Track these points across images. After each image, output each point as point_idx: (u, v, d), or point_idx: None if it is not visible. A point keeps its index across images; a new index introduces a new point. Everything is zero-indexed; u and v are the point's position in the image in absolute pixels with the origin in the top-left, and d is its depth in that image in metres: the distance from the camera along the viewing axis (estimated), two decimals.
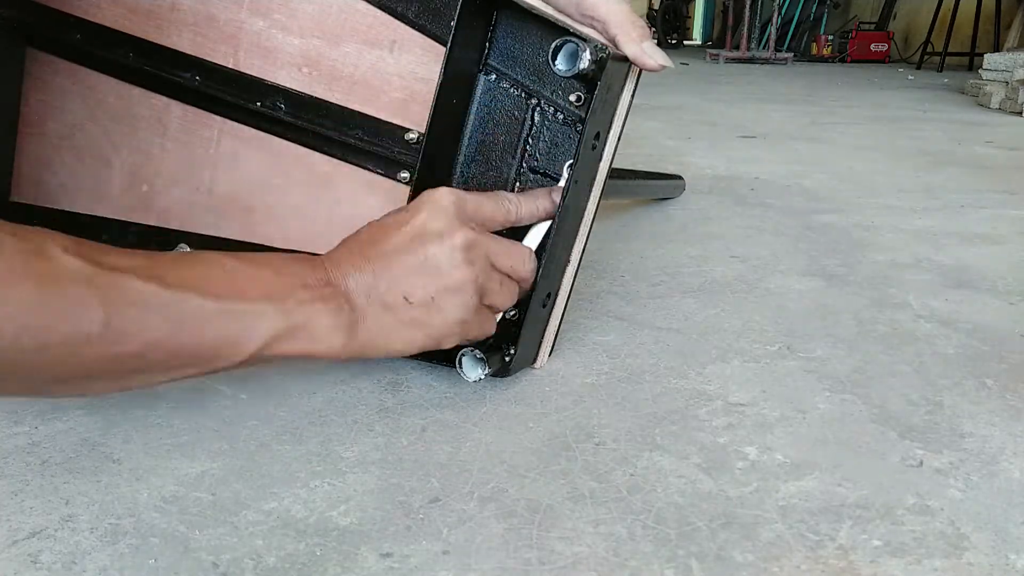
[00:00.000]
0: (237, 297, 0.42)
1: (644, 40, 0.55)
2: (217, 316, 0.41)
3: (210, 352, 0.42)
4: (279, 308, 0.44)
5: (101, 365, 0.38)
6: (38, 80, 0.67)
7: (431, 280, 0.49)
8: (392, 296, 0.48)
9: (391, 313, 0.48)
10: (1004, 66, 3.09)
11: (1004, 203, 1.27)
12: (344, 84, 0.62)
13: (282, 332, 0.44)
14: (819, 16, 7.56)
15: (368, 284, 0.48)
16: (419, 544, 0.42)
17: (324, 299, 0.46)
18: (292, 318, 0.44)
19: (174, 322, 0.40)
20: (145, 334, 0.39)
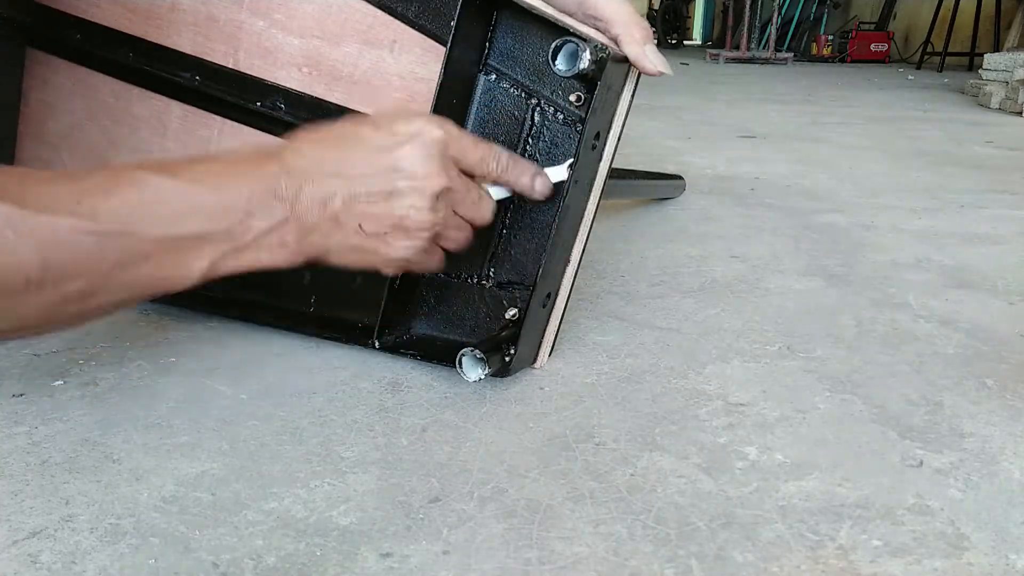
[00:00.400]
0: (175, 224, 0.41)
1: (647, 43, 0.55)
2: (157, 247, 0.41)
3: (155, 282, 0.42)
4: (219, 229, 0.42)
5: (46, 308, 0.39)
6: (38, 80, 0.67)
7: (389, 216, 0.47)
8: (346, 218, 0.46)
9: (340, 232, 0.46)
10: (1004, 66, 3.09)
11: (1004, 203, 1.27)
12: (344, 84, 0.62)
13: (225, 252, 0.43)
14: (819, 16, 7.56)
15: (324, 198, 0.45)
16: (419, 544, 0.41)
17: (269, 214, 0.44)
18: (234, 238, 0.43)
19: (113, 260, 0.39)
20: (86, 274, 0.39)
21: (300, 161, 0.46)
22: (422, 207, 0.47)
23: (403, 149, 0.47)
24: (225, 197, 0.43)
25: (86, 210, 0.39)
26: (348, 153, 0.46)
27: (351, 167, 0.46)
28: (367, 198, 0.46)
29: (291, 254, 0.45)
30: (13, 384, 0.58)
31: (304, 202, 0.45)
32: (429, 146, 0.47)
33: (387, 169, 0.46)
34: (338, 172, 0.46)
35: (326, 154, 0.46)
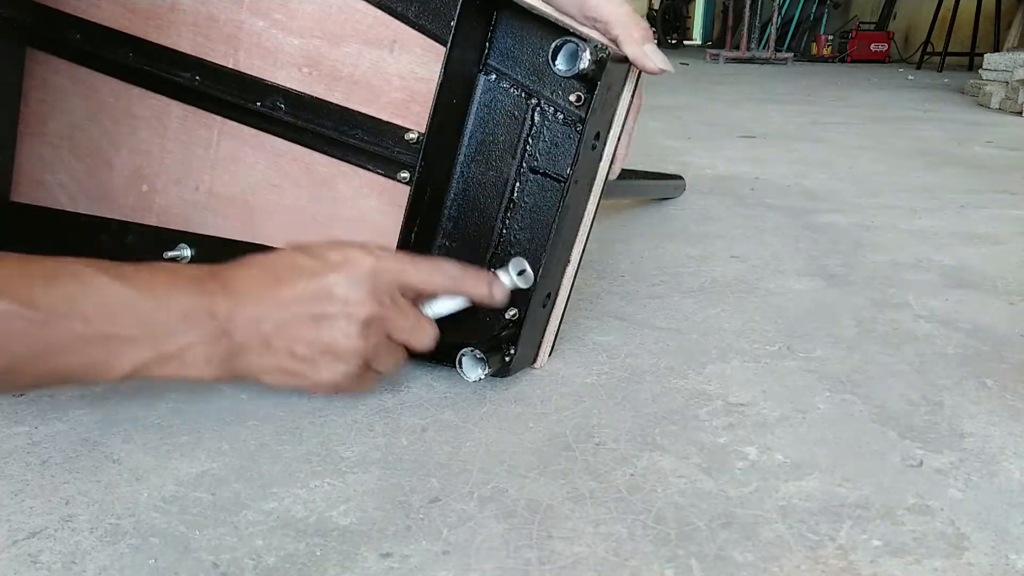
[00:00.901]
0: (108, 323, 0.42)
1: (646, 42, 0.55)
2: (84, 342, 0.41)
3: (77, 374, 0.42)
4: (150, 337, 0.43)
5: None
6: (38, 80, 0.67)
7: (319, 341, 0.47)
8: (277, 342, 0.47)
9: (270, 355, 0.47)
10: (1004, 66, 3.09)
11: (1004, 203, 1.27)
12: (344, 84, 0.62)
13: (152, 360, 0.43)
14: (819, 16, 7.56)
15: (256, 321, 0.46)
16: (419, 544, 0.41)
17: (201, 332, 0.45)
18: (163, 347, 0.43)
19: (39, 345, 0.40)
20: (7, 355, 0.39)
21: (237, 284, 0.47)
22: (351, 333, 0.47)
23: (333, 276, 0.47)
24: (160, 305, 0.44)
25: (25, 294, 0.40)
26: (282, 279, 0.47)
27: (284, 292, 0.47)
28: (297, 322, 0.47)
29: (217, 371, 0.46)
30: None
31: (237, 323, 0.46)
32: (359, 273, 0.48)
33: (318, 295, 0.47)
34: (271, 296, 0.47)
35: (262, 279, 0.47)
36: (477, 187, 0.61)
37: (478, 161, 0.61)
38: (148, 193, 0.67)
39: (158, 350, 0.43)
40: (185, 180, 0.66)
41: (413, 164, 0.60)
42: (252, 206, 0.65)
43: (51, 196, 0.69)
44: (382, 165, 0.62)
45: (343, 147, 0.63)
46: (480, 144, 0.61)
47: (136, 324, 0.43)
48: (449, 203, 0.62)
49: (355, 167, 0.63)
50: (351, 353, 0.48)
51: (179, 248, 0.66)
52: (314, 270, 0.48)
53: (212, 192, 0.66)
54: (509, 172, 0.60)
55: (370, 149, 0.62)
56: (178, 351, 0.44)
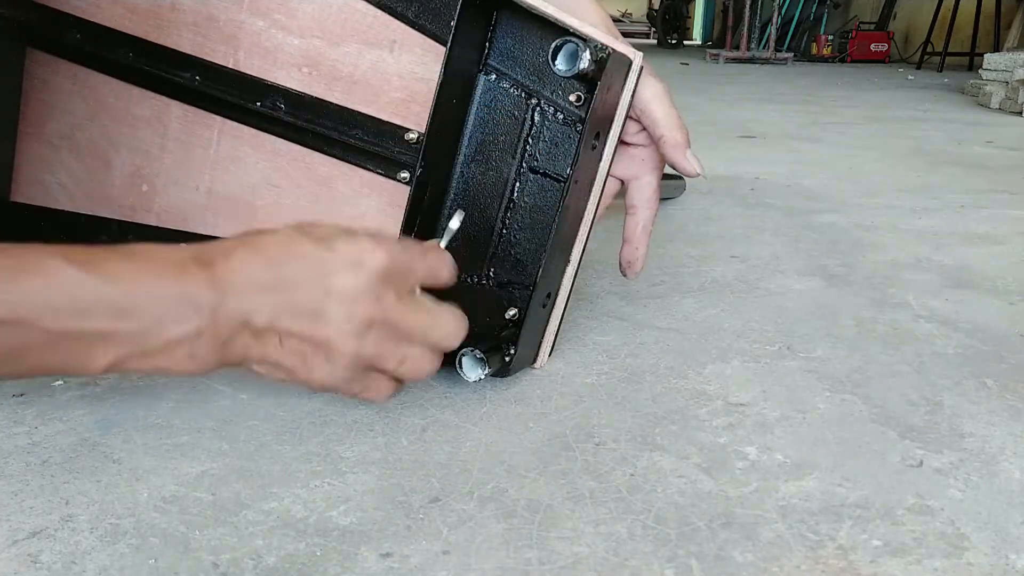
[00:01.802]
0: (79, 319, 0.39)
1: (687, 147, 0.59)
2: (57, 340, 0.39)
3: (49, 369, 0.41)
4: (127, 333, 0.40)
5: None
6: (38, 80, 0.67)
7: (311, 337, 0.44)
8: (267, 335, 0.43)
9: (259, 347, 0.44)
10: (1004, 66, 3.09)
11: (1004, 203, 1.27)
12: (344, 84, 0.62)
13: (130, 354, 0.41)
14: (819, 16, 7.56)
15: (247, 314, 0.43)
16: (419, 544, 0.41)
17: (183, 326, 0.41)
18: (142, 343, 0.41)
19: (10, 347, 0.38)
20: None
21: (229, 273, 0.43)
22: (348, 333, 0.44)
23: (337, 269, 0.44)
24: (137, 299, 0.41)
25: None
26: (282, 268, 0.44)
27: (282, 283, 0.44)
28: (292, 316, 0.44)
29: (202, 365, 0.43)
30: (13, 384, 0.58)
31: (224, 316, 0.42)
32: (368, 272, 0.44)
33: (319, 289, 0.44)
34: (268, 287, 0.43)
35: (259, 268, 0.44)
36: (477, 187, 0.61)
37: (478, 161, 0.61)
38: (148, 193, 0.67)
39: (136, 346, 0.41)
40: (185, 180, 0.66)
41: (413, 164, 0.60)
42: (252, 206, 0.65)
43: (51, 196, 0.69)
44: (382, 165, 0.62)
45: (343, 147, 0.63)
46: (480, 144, 0.61)
47: (110, 318, 0.40)
48: (449, 203, 0.62)
49: (355, 167, 0.63)
50: (346, 356, 0.45)
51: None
52: (317, 260, 0.44)
53: (212, 192, 0.66)
54: (509, 172, 0.60)
55: (370, 149, 0.62)
56: (159, 347, 0.41)
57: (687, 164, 0.59)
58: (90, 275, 0.40)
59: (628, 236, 0.63)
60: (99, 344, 0.40)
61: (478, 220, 0.61)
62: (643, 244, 0.63)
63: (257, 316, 0.43)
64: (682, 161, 0.59)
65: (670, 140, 0.58)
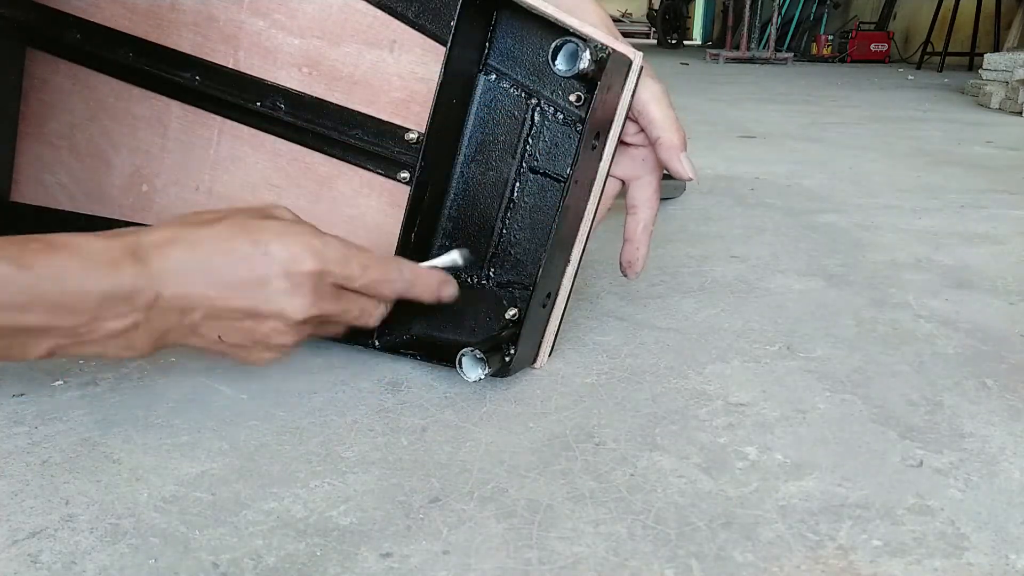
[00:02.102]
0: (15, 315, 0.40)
1: (683, 150, 0.59)
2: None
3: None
4: (64, 327, 0.42)
5: None
6: (38, 80, 0.67)
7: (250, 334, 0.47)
8: (205, 330, 0.46)
9: (197, 339, 0.46)
10: (1004, 66, 3.09)
11: (1004, 203, 1.27)
12: (344, 84, 0.62)
13: (69, 344, 0.43)
14: (819, 16, 7.56)
15: (183, 309, 0.44)
16: (419, 544, 0.41)
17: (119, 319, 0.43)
18: (80, 335, 0.42)
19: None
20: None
21: (164, 265, 0.44)
22: (284, 331, 0.47)
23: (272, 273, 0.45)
24: (73, 297, 0.41)
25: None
26: (216, 267, 0.45)
27: (217, 281, 0.45)
28: (229, 315, 0.45)
29: (138, 353, 0.45)
30: (13, 384, 0.58)
31: (160, 309, 0.44)
32: (301, 278, 0.46)
33: (254, 290, 0.45)
34: (202, 283, 0.44)
35: (193, 263, 0.44)
36: (477, 187, 0.61)
37: (478, 161, 0.61)
38: (148, 193, 0.67)
39: (74, 338, 0.42)
40: (185, 180, 0.66)
41: (413, 164, 0.60)
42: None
43: (51, 196, 0.69)
44: (382, 165, 0.62)
45: (343, 147, 0.63)
46: (480, 144, 0.61)
47: (47, 315, 0.41)
48: (449, 203, 0.62)
49: (355, 167, 0.63)
50: (283, 346, 0.49)
51: None
52: (252, 262, 0.45)
53: (212, 192, 0.66)
54: (509, 172, 0.60)
55: (370, 149, 0.62)
56: (96, 339, 0.43)
57: (680, 168, 0.59)
58: (26, 275, 0.40)
59: (629, 236, 0.63)
60: (37, 336, 0.42)
61: (478, 220, 0.61)
62: (644, 244, 0.63)
63: (194, 313, 0.45)
64: (676, 164, 0.59)
65: (666, 142, 0.59)
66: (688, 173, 0.59)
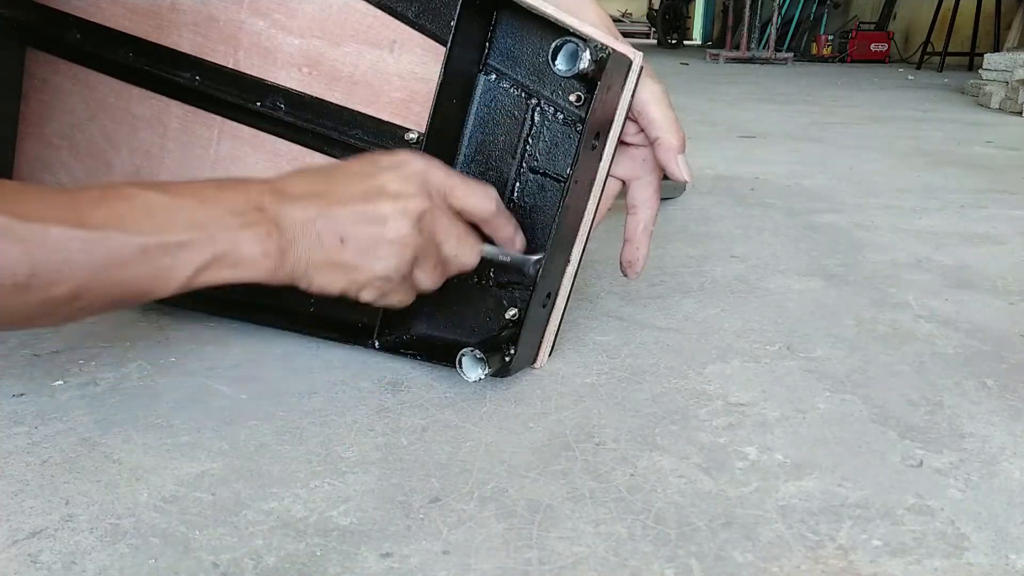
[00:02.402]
0: (160, 231, 0.43)
1: (681, 151, 0.59)
2: (141, 252, 0.43)
3: (138, 287, 0.44)
4: (203, 238, 0.44)
5: (34, 308, 0.41)
6: (38, 80, 0.67)
7: (371, 230, 0.48)
8: (328, 234, 0.48)
9: (321, 249, 0.48)
10: (1004, 66, 3.09)
11: (1004, 203, 1.27)
12: (344, 84, 0.62)
13: (208, 261, 0.45)
14: (819, 16, 7.56)
15: (307, 217, 0.47)
16: (419, 544, 0.42)
17: (251, 225, 0.46)
18: (217, 246, 0.45)
19: (99, 263, 0.41)
20: (72, 278, 0.41)
21: (286, 185, 0.48)
22: (402, 223, 0.49)
23: (386, 174, 0.49)
24: (210, 209, 0.45)
25: (75, 218, 0.41)
26: (334, 181, 0.49)
27: (335, 190, 0.48)
28: (350, 216, 0.48)
29: (273, 266, 0.47)
30: (13, 384, 0.58)
31: (287, 218, 0.47)
32: (411, 171, 0.50)
33: (370, 191, 0.49)
34: (322, 193, 0.48)
35: (311, 179, 0.49)
36: None
37: (478, 161, 0.61)
38: None
39: (213, 250, 0.45)
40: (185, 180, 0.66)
41: None
42: None
43: None
44: None
45: (343, 147, 0.63)
46: (480, 144, 0.61)
47: (188, 227, 0.44)
48: None
49: None
50: (401, 242, 0.49)
51: None
52: (366, 171, 0.50)
53: None
54: (509, 172, 0.60)
55: (370, 149, 0.62)
56: (232, 247, 0.45)
57: (677, 170, 0.59)
58: (168, 196, 0.45)
59: (629, 236, 0.63)
60: (180, 253, 0.44)
61: None
62: (644, 244, 0.63)
63: (319, 222, 0.48)
64: (673, 166, 0.59)
65: (665, 143, 0.59)
66: (684, 175, 0.60)
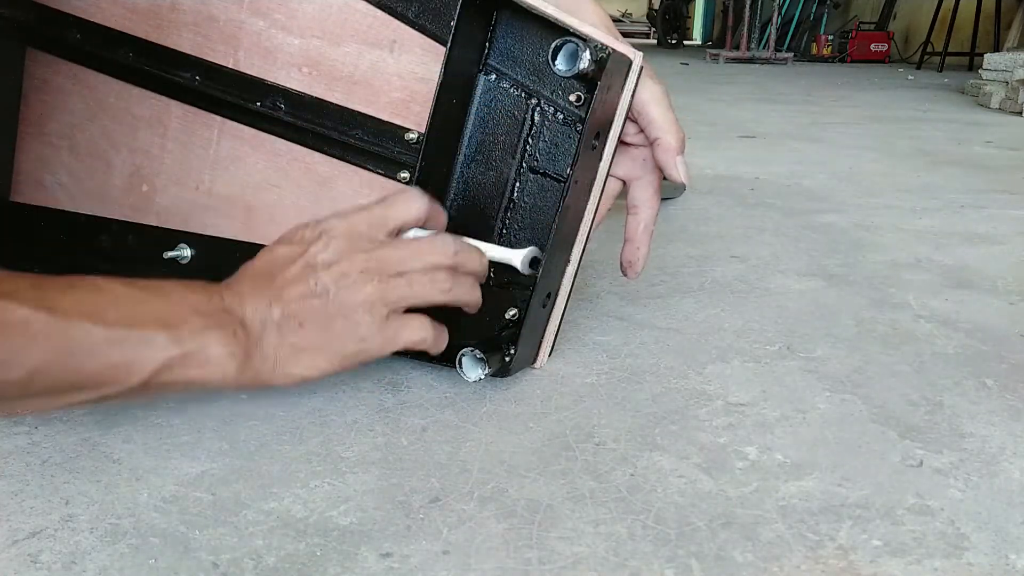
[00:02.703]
0: (127, 324, 0.42)
1: (679, 152, 0.59)
2: (106, 344, 0.41)
3: (99, 379, 0.42)
4: (170, 335, 0.43)
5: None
6: (38, 80, 0.67)
7: (322, 306, 0.48)
8: (286, 323, 0.48)
9: (287, 339, 0.48)
10: (1004, 66, 3.09)
11: (1004, 203, 1.27)
12: (344, 84, 0.62)
13: (174, 359, 0.44)
14: (819, 16, 7.56)
15: (263, 312, 0.47)
16: (419, 544, 0.42)
17: (218, 325, 0.45)
18: (184, 345, 0.44)
19: (60, 350, 0.40)
20: (30, 361, 0.39)
21: (241, 285, 0.49)
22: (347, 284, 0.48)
23: (312, 248, 0.49)
24: (175, 307, 0.45)
25: (40, 300, 0.40)
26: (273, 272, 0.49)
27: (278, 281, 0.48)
28: (298, 300, 0.48)
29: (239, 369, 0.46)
30: None
31: (248, 313, 0.47)
32: (335, 235, 0.50)
33: (307, 271, 0.49)
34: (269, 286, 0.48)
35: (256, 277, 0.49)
36: (477, 187, 0.61)
37: (478, 161, 0.61)
38: (148, 193, 0.67)
39: (179, 349, 0.44)
40: (185, 180, 0.66)
41: (413, 164, 0.60)
42: (252, 206, 0.65)
43: (51, 196, 0.69)
44: (382, 165, 0.62)
45: (343, 147, 0.63)
46: (480, 144, 0.61)
47: (154, 321, 0.43)
48: (449, 203, 0.62)
49: (355, 167, 0.63)
50: (359, 305, 0.48)
51: (179, 248, 0.66)
52: (295, 254, 0.49)
53: (212, 192, 0.66)
54: (509, 172, 0.60)
55: (370, 149, 0.62)
56: (199, 348, 0.44)
57: (674, 171, 0.59)
58: (134, 289, 0.44)
59: (629, 236, 0.63)
60: (144, 349, 0.43)
61: (478, 220, 0.61)
62: (644, 244, 0.63)
63: (275, 309, 0.48)
64: (671, 167, 0.59)
65: (664, 144, 0.59)
66: (682, 177, 0.60)
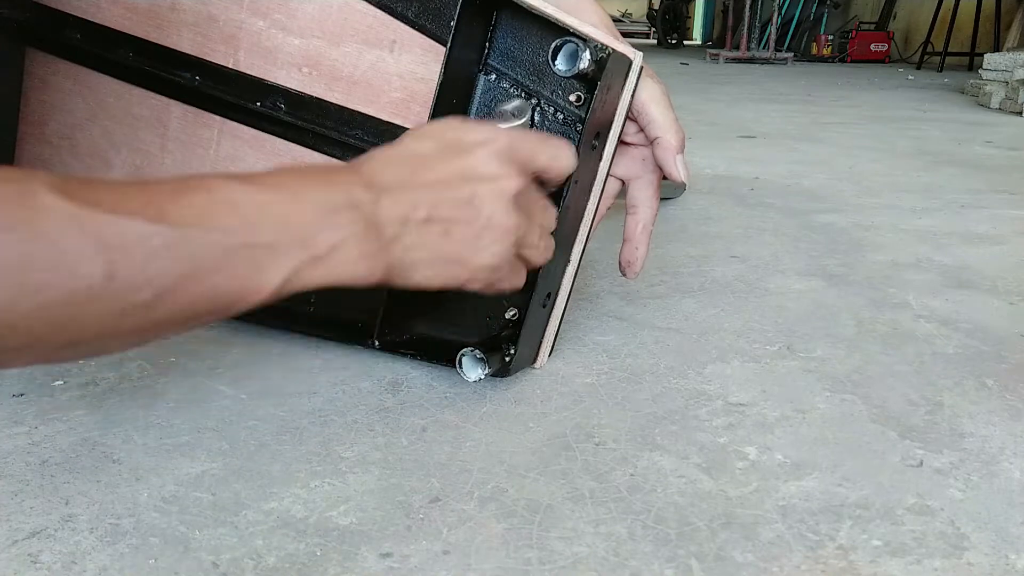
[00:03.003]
0: (248, 231, 0.37)
1: (679, 152, 0.59)
2: (228, 255, 0.37)
3: (228, 295, 0.38)
4: (297, 241, 0.39)
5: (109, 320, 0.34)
6: (38, 80, 0.67)
7: (473, 219, 0.45)
8: (431, 226, 0.44)
9: (424, 243, 0.44)
10: (1004, 66, 3.09)
11: (1004, 203, 1.27)
12: (344, 84, 0.62)
13: (303, 264, 0.40)
14: (819, 16, 7.57)
15: (406, 210, 0.43)
16: (419, 544, 0.42)
17: (349, 226, 0.41)
18: (312, 249, 0.40)
19: (183, 265, 0.35)
20: (153, 282, 0.35)
21: (375, 174, 0.44)
22: (502, 207, 0.46)
23: (476, 153, 0.46)
24: (300, 206, 0.40)
25: (154, 212, 0.35)
26: (423, 163, 0.45)
27: (428, 176, 0.45)
28: (450, 204, 0.45)
29: (371, 267, 0.43)
30: (13, 384, 0.58)
31: (384, 213, 0.43)
32: (500, 148, 0.47)
33: (464, 175, 0.46)
34: (415, 181, 0.45)
35: (400, 167, 0.45)
36: None
37: None
38: None
39: (307, 253, 0.40)
40: None
41: None
42: None
43: None
44: None
45: (343, 147, 0.63)
46: None
47: (277, 229, 0.39)
48: None
49: None
50: (506, 230, 0.46)
51: None
52: (451, 155, 0.46)
53: None
54: None
55: (370, 149, 0.62)
56: (328, 250, 0.40)
57: (674, 171, 0.59)
58: (251, 189, 0.39)
59: (628, 236, 0.63)
60: (270, 257, 0.38)
61: None
62: (643, 244, 0.63)
63: (418, 209, 0.44)
64: (671, 167, 0.59)
65: (664, 143, 0.59)
66: (681, 176, 0.60)
